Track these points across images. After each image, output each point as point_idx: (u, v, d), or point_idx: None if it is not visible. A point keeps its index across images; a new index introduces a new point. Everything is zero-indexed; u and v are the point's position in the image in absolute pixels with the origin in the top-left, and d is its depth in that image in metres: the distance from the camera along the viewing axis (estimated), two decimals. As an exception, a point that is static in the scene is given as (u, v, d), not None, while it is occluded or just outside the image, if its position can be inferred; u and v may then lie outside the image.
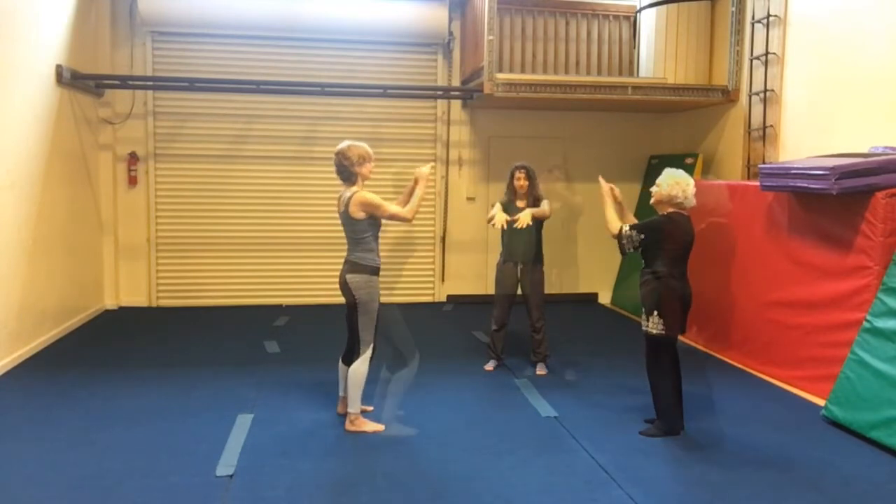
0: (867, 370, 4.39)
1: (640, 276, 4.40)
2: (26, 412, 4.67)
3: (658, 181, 4.35)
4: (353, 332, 4.41)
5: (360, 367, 4.34)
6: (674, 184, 4.27)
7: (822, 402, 4.81)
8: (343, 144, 4.34)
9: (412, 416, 4.58)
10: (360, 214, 4.24)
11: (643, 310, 4.34)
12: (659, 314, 4.24)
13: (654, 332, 4.26)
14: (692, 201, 4.32)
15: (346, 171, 4.29)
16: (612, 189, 4.63)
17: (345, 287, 4.34)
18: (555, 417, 4.67)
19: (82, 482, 3.62)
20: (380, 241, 4.40)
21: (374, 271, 4.33)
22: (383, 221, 4.43)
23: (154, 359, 5.99)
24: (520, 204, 5.65)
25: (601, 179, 4.72)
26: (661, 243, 4.27)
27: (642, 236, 4.30)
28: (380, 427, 4.40)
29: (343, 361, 4.56)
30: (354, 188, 4.30)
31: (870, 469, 3.92)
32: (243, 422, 4.47)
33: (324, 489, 3.59)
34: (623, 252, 4.43)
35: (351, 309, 4.39)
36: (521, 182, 5.64)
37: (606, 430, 4.46)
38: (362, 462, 3.94)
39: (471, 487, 3.64)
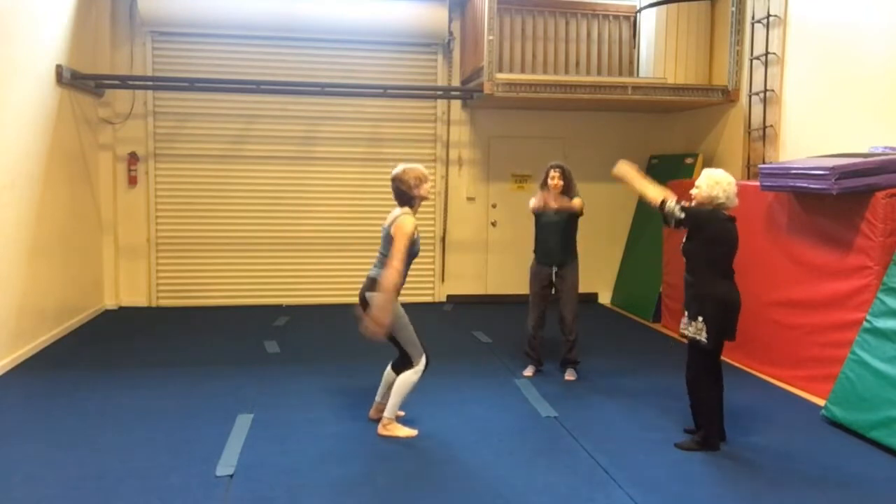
0: (867, 370, 4.39)
1: (684, 279, 4.19)
2: (26, 412, 4.67)
3: (697, 182, 4.08)
4: (397, 346, 4.31)
5: (410, 377, 4.25)
6: (714, 184, 4.01)
7: (822, 402, 4.81)
8: (398, 169, 4.19)
9: (412, 417, 4.58)
10: None
11: (686, 314, 4.12)
12: (703, 320, 4.01)
13: (698, 338, 4.03)
14: (735, 201, 4.05)
15: (405, 195, 4.17)
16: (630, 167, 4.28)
17: (364, 305, 4.23)
18: (555, 417, 4.67)
19: (82, 482, 3.62)
20: (411, 264, 4.22)
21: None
22: (420, 247, 4.32)
23: (154, 359, 5.98)
24: (554, 205, 5.50)
25: (619, 165, 4.31)
26: (704, 241, 4.04)
27: (682, 216, 4.03)
28: (413, 432, 4.31)
29: (392, 368, 4.44)
30: (406, 208, 4.19)
31: (870, 469, 3.92)
32: (243, 422, 4.47)
33: (324, 489, 3.59)
34: (667, 224, 4.15)
35: None
36: (555, 182, 5.44)
37: (606, 430, 4.46)
38: (362, 462, 3.94)
39: (471, 487, 3.63)
